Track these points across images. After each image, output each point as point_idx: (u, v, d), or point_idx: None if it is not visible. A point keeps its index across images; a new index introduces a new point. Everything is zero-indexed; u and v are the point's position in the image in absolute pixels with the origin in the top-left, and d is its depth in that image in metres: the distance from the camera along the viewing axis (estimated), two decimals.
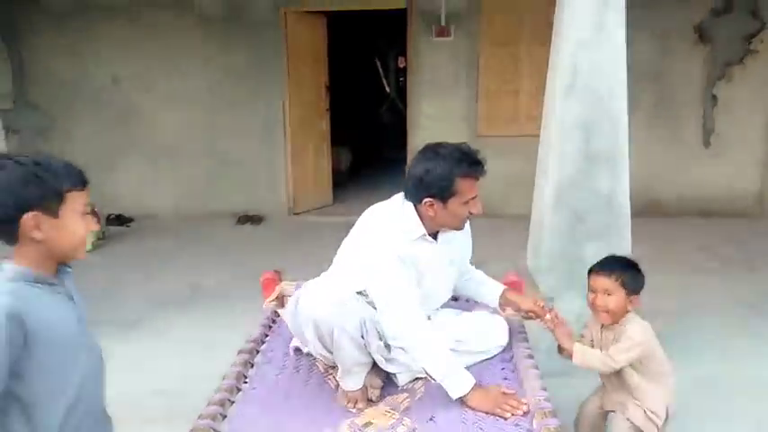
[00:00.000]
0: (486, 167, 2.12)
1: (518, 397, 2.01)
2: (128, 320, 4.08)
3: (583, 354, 2.17)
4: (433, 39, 6.37)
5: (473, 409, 1.99)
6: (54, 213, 1.35)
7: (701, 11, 6.13)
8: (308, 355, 2.38)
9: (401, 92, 10.03)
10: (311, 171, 6.95)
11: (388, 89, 10.40)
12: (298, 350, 2.41)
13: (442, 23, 6.28)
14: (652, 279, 3.41)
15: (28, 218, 1.32)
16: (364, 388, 2.15)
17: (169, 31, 6.58)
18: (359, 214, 2.30)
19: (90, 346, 1.49)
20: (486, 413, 1.96)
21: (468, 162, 2.07)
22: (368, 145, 9.11)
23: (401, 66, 9.87)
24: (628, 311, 2.22)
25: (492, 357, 2.32)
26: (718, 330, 3.79)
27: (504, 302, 2.43)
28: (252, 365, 2.30)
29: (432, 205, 2.12)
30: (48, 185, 1.34)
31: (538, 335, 2.59)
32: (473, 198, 2.12)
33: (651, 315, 3.87)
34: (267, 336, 2.53)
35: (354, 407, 2.11)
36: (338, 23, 7.30)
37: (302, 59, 6.65)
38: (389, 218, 2.18)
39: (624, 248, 3.08)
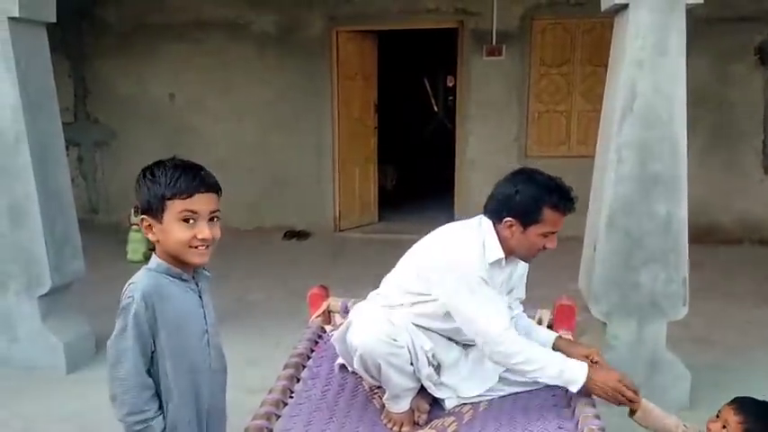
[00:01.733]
0: (575, 208, 2.07)
1: (634, 386, 1.98)
2: None
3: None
4: (484, 58, 6.35)
5: (594, 394, 1.97)
6: (158, 219, 1.50)
7: (763, 32, 5.95)
8: (354, 372, 2.37)
9: (449, 111, 10.04)
10: (358, 189, 6.98)
11: (436, 108, 10.40)
12: (343, 367, 2.40)
13: (493, 43, 6.26)
14: (708, 307, 3.30)
15: (141, 219, 1.53)
16: (410, 411, 2.12)
17: (224, 51, 6.74)
18: (404, 233, 2.28)
19: (216, 345, 1.64)
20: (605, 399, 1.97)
21: (560, 194, 2.04)
22: (414, 164, 9.11)
23: (450, 84, 9.88)
24: None
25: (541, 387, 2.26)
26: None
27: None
28: (298, 380, 2.30)
29: (511, 226, 2.07)
30: (150, 193, 1.49)
31: None
32: (552, 233, 2.07)
33: (707, 345, 3.78)
34: (313, 351, 2.52)
35: (400, 430, 2.08)
36: (387, 41, 7.34)
37: (352, 78, 6.72)
38: (469, 236, 2.11)
39: (682, 274, 2.98)
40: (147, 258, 5.72)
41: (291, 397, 2.19)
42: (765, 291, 4.89)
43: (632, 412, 2.03)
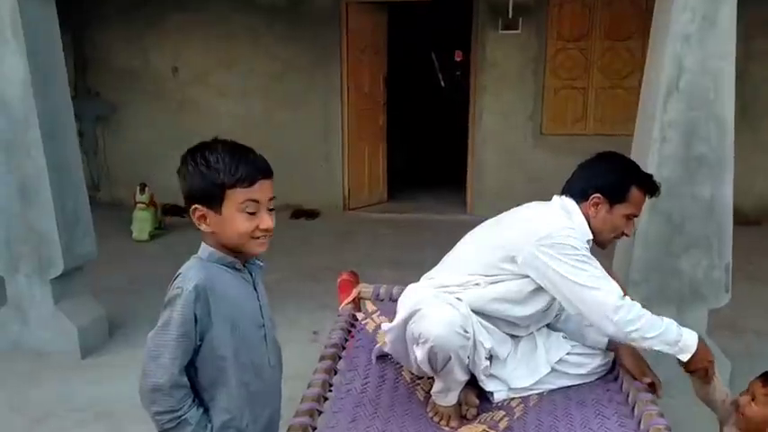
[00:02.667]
0: (660, 192, 2.09)
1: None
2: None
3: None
4: (500, 32, 6.16)
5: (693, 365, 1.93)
6: (217, 209, 1.38)
7: None
8: (393, 362, 2.26)
9: (457, 87, 9.82)
10: (367, 166, 6.82)
11: (443, 83, 10.19)
12: (380, 357, 2.29)
13: (509, 16, 6.06)
14: (734, 292, 3.20)
15: (193, 209, 1.40)
16: (458, 405, 2.01)
17: (230, 23, 6.53)
18: (414, 212, 2.20)
19: (273, 339, 1.54)
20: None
21: (647, 177, 2.08)
22: (422, 140, 8.93)
23: (457, 59, 9.65)
24: None
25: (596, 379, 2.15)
26: None
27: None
28: (335, 372, 2.18)
29: (597, 204, 2.02)
30: (208, 182, 1.36)
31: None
32: (634, 215, 2.05)
33: (737, 331, 3.69)
34: (347, 340, 2.41)
35: (447, 424, 1.97)
36: (396, 14, 7.12)
37: (362, 51, 6.53)
38: (561, 214, 2.03)
39: (725, 260, 2.87)
40: (152, 238, 5.58)
41: (330, 390, 2.08)
42: None
43: (689, 371, 1.97)
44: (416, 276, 2.23)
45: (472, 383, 2.04)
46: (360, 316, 2.59)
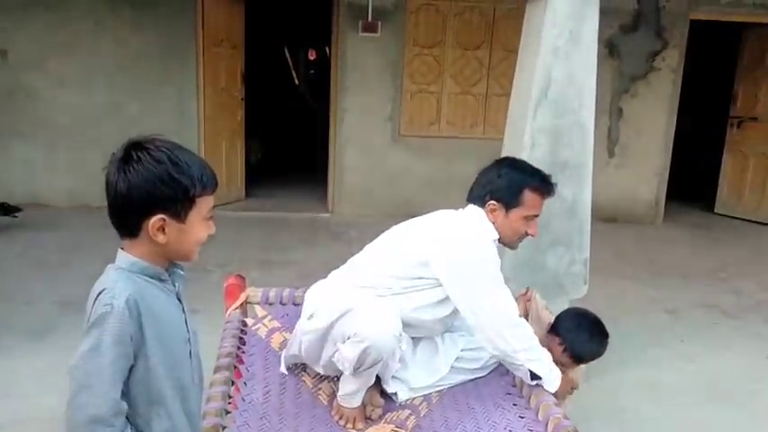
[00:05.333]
0: (555, 191, 2.16)
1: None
2: (34, 326, 3.61)
3: None
4: (360, 34, 6.24)
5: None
6: (181, 218, 1.26)
7: (613, 26, 6.46)
8: (288, 368, 2.21)
9: (311, 85, 9.80)
10: (224, 163, 6.57)
11: (297, 81, 10.11)
12: (273, 362, 2.23)
13: (369, 19, 6.16)
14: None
15: (155, 220, 1.23)
16: (362, 406, 2.01)
17: (71, 5, 5.96)
18: (272, 210, 2.21)
19: (197, 355, 1.41)
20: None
21: (541, 178, 2.13)
22: (276, 138, 8.81)
23: (311, 58, 9.64)
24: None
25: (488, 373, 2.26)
26: (644, 335, 3.97)
27: None
28: (233, 383, 2.08)
29: (494, 210, 2.11)
30: (181, 189, 1.22)
31: None
32: (534, 217, 2.12)
33: None
34: (240, 348, 2.31)
35: (354, 426, 1.97)
36: (251, 8, 6.94)
37: (218, 45, 6.28)
38: (471, 220, 2.10)
39: (584, 255, 3.15)
40: None
41: (230, 403, 1.98)
42: (616, 265, 5.38)
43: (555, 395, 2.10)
44: (288, 277, 2.20)
45: (374, 384, 2.06)
46: (249, 321, 2.50)
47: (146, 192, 1.21)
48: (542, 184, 2.13)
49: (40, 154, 6.19)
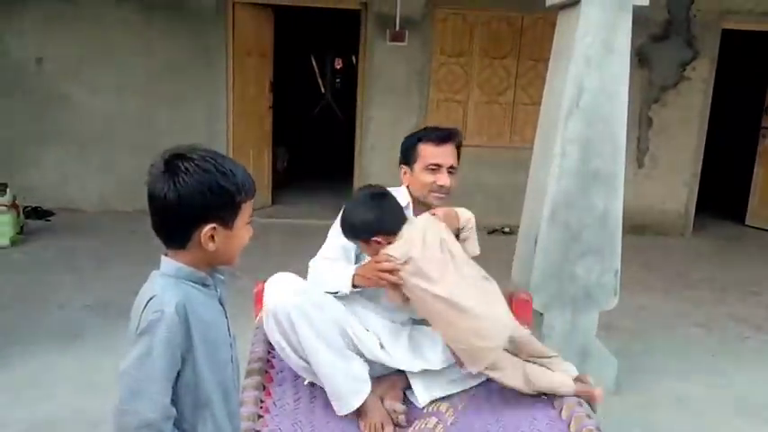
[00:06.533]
0: (450, 135, 2.32)
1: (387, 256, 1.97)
2: (68, 329, 3.68)
3: None
4: (388, 43, 6.27)
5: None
6: (229, 225, 1.28)
7: (642, 36, 6.40)
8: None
9: (336, 93, 9.86)
10: (252, 170, 6.57)
11: (323, 89, 10.19)
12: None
13: (397, 28, 6.19)
14: None
15: (207, 230, 1.25)
16: (386, 413, 2.01)
17: (105, 15, 6.09)
18: (299, 217, 2.36)
19: (237, 360, 1.42)
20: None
21: (432, 130, 2.34)
22: (302, 145, 8.87)
23: (337, 67, 9.71)
24: None
25: None
26: (674, 349, 3.91)
27: None
28: (264, 388, 2.10)
29: (405, 173, 2.33)
30: (229, 197, 1.25)
31: None
32: (437, 167, 2.25)
33: (614, 332, 4.02)
34: (270, 353, 2.32)
35: None
36: (279, 17, 7.03)
37: (248, 54, 6.36)
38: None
39: (615, 266, 3.11)
40: (13, 244, 5.07)
41: (261, 407, 1.99)
42: (645, 277, 5.31)
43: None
44: None
45: (394, 390, 2.07)
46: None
47: (197, 202, 1.22)
48: (432, 132, 2.31)
49: (72, 160, 6.31)
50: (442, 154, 2.27)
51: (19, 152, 6.13)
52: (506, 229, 6.28)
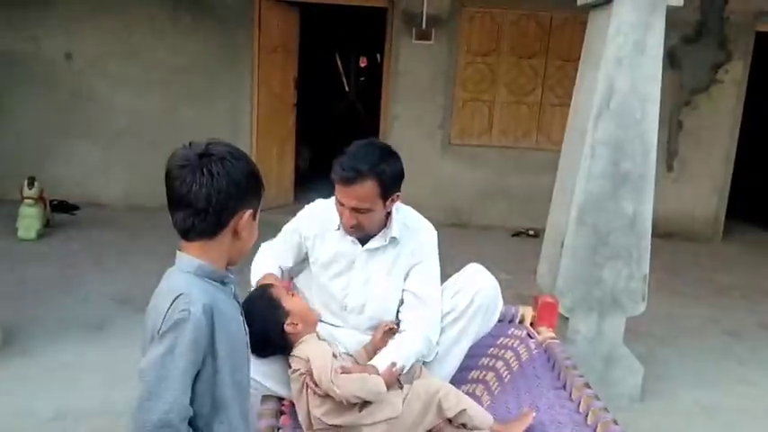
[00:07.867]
0: (353, 179, 1.96)
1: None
2: (92, 321, 3.71)
3: None
4: (414, 41, 6.23)
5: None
6: (255, 215, 1.32)
7: (673, 37, 6.28)
8: None
9: (360, 92, 9.85)
10: (275, 168, 6.65)
11: (347, 87, 10.18)
12: None
13: (423, 26, 6.15)
14: None
15: (248, 215, 1.28)
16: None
17: (132, 11, 6.14)
18: None
19: (250, 359, 1.44)
20: None
21: (344, 161, 1.98)
22: (325, 143, 8.86)
23: (362, 65, 9.69)
24: None
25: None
26: (703, 356, 3.82)
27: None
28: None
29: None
30: (261, 183, 1.30)
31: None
32: (341, 204, 2.02)
33: (640, 338, 3.94)
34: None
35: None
36: (305, 15, 7.02)
37: (274, 51, 6.36)
38: None
39: (643, 271, 3.05)
40: (40, 237, 5.13)
41: (282, 404, 1.97)
42: (673, 282, 5.20)
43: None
44: None
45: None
46: None
47: (242, 186, 1.25)
48: (341, 162, 1.98)
49: (97, 154, 6.37)
50: (343, 194, 1.99)
51: (47, 146, 6.21)
52: (531, 232, 6.20)
